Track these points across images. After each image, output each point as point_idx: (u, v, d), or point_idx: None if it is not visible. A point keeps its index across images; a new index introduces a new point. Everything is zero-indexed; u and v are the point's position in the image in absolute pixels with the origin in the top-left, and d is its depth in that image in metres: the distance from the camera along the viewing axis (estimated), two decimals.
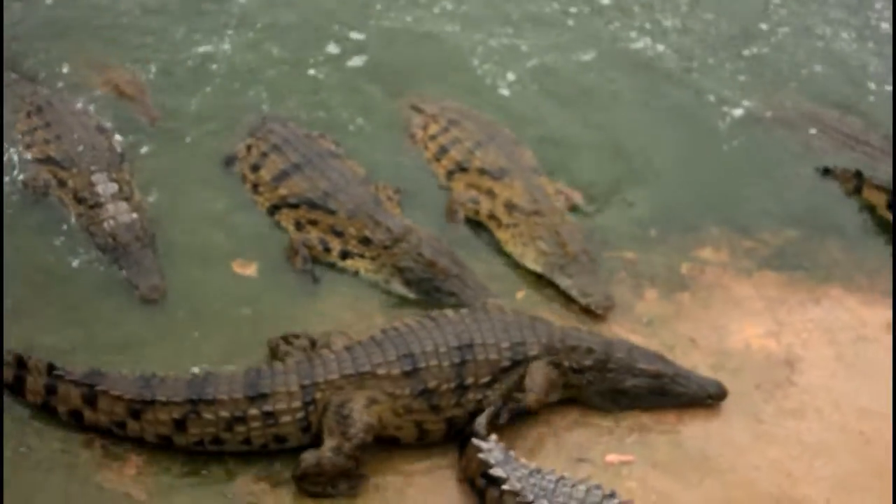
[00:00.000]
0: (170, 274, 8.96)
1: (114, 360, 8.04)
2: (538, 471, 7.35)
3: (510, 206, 9.90)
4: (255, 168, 9.90)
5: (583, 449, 8.13)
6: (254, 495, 7.48)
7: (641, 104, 12.03)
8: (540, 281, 9.52)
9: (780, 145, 11.68)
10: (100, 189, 9.31)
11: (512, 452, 7.54)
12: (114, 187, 9.35)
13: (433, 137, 10.78)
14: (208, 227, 9.56)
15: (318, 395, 7.60)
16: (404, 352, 7.77)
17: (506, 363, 8.01)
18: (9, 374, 7.72)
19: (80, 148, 9.64)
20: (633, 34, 13.13)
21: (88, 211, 9.20)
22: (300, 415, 7.60)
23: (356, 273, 9.31)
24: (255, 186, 9.84)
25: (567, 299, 9.33)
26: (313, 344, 8.15)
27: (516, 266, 9.67)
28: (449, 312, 8.17)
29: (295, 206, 9.57)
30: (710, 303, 9.49)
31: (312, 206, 9.50)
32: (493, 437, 7.64)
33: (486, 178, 10.20)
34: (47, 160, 9.60)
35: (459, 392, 7.84)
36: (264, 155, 9.92)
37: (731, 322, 9.32)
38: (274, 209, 9.68)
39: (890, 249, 10.46)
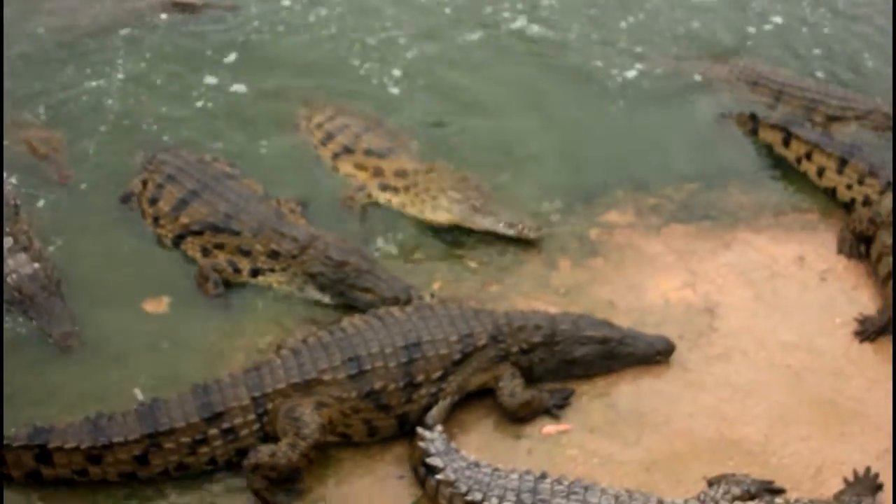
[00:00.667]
0: (83, 319, 8.84)
1: (39, 412, 7.93)
2: (476, 464, 7.41)
3: (401, 173, 10.10)
4: (154, 201, 9.77)
5: (520, 426, 8.16)
6: None
7: (528, 83, 12.04)
8: (451, 269, 9.53)
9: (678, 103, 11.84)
10: None
11: (454, 444, 7.58)
12: (8, 241, 9.19)
13: (319, 125, 10.92)
14: (115, 267, 9.43)
15: (270, 406, 7.65)
16: (350, 355, 7.81)
17: (457, 356, 8.03)
18: None
19: None
20: (508, 15, 13.18)
21: None
22: (256, 426, 7.66)
23: (270, 288, 9.26)
24: (156, 220, 9.72)
25: (481, 282, 9.37)
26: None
27: (429, 258, 9.67)
28: (395, 310, 8.19)
29: (199, 233, 9.48)
30: (623, 264, 9.56)
31: (216, 230, 9.42)
32: (439, 428, 7.69)
33: (372, 158, 10.36)
34: None
35: (410, 390, 7.87)
36: (160, 186, 9.80)
37: (647, 279, 9.40)
38: (178, 239, 9.57)
39: (791, 185, 10.62)
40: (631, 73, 12.13)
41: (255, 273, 9.27)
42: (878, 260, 9.33)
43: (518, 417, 8.15)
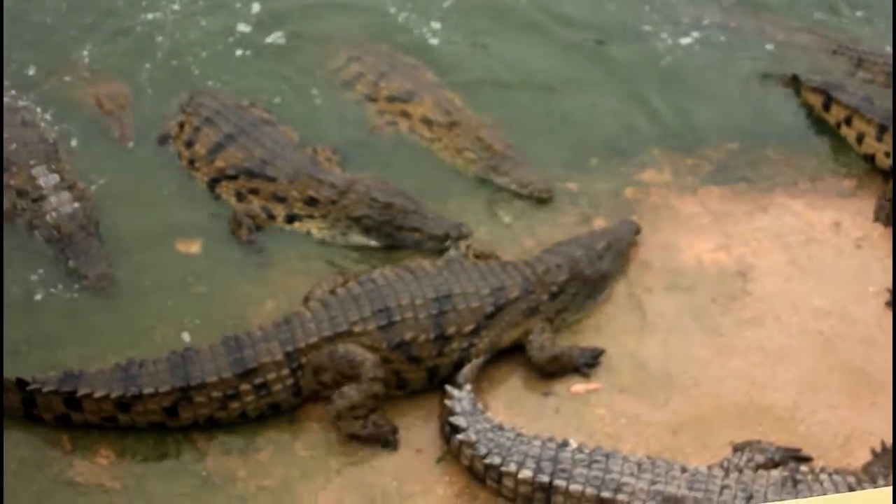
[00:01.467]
0: (117, 260, 8.88)
1: (71, 353, 8.03)
2: (500, 427, 7.44)
3: (427, 122, 10.17)
4: (190, 144, 9.76)
5: (549, 384, 8.17)
6: (228, 469, 7.50)
7: (562, 37, 11.89)
8: (485, 223, 9.47)
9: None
10: (41, 182, 9.18)
11: (480, 405, 7.60)
12: (55, 178, 9.22)
13: (336, 72, 10.96)
14: (150, 208, 9.46)
15: (303, 360, 7.71)
16: (380, 306, 7.81)
17: (489, 309, 8.04)
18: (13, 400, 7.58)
19: (13, 146, 9.47)
20: None
21: (32, 205, 9.07)
22: (290, 381, 7.73)
23: (308, 233, 9.27)
24: (192, 162, 9.71)
25: (514, 236, 9.35)
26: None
27: (461, 209, 9.59)
28: (426, 263, 8.22)
29: (234, 178, 9.47)
30: (658, 224, 9.48)
31: (251, 175, 9.41)
32: (468, 387, 7.72)
33: (397, 103, 10.42)
34: None
35: (441, 342, 7.88)
36: (197, 129, 9.78)
37: (681, 240, 9.34)
38: (213, 183, 9.57)
39: (831, 150, 10.51)
40: (673, 34, 11.89)
41: (290, 219, 9.27)
42: None
43: (547, 372, 8.16)
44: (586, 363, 8.22)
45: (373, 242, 9.14)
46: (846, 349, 8.51)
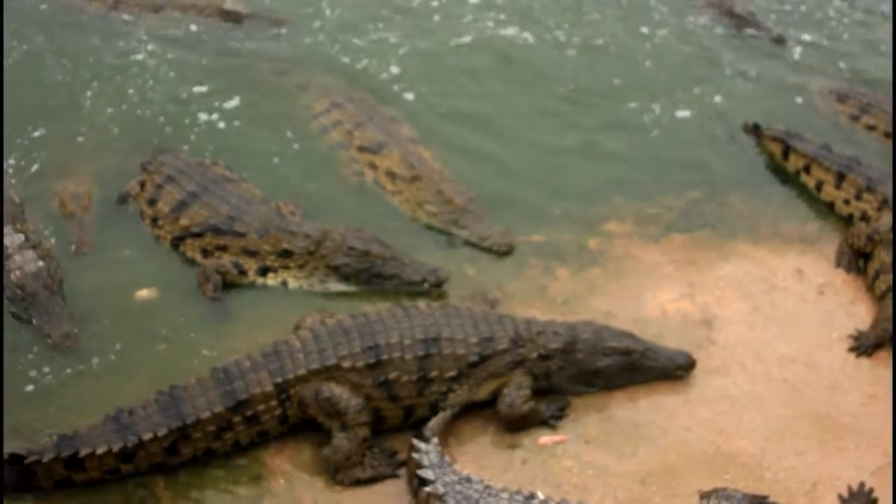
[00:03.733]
0: (80, 319, 8.82)
1: (39, 414, 7.97)
2: (468, 479, 7.39)
3: (391, 174, 10.27)
4: (152, 202, 9.75)
5: (516, 436, 8.14)
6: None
7: (523, 87, 12.01)
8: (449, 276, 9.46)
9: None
10: (6, 241, 9.14)
11: (447, 458, 7.57)
12: (20, 238, 9.19)
13: (315, 118, 11.15)
14: (111, 267, 9.42)
15: (291, 391, 7.80)
16: (370, 343, 7.86)
17: (473, 358, 8.06)
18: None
19: None
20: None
21: None
22: (278, 411, 7.83)
23: (283, 284, 9.31)
24: (155, 220, 9.71)
25: (478, 289, 9.33)
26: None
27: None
28: (421, 304, 8.22)
29: (199, 235, 9.46)
30: (621, 274, 9.54)
31: (218, 232, 9.41)
32: (434, 440, 7.69)
33: (366, 154, 10.54)
34: None
35: (422, 384, 7.93)
36: (159, 187, 9.77)
37: (645, 290, 9.39)
38: (177, 241, 9.56)
39: (792, 196, 10.61)
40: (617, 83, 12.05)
41: (263, 272, 9.31)
42: (875, 277, 9.34)
43: (512, 427, 8.13)
44: (553, 416, 8.21)
45: (352, 288, 9.18)
46: (811, 395, 8.54)
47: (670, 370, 8.53)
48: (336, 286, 9.21)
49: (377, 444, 7.89)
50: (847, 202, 10.25)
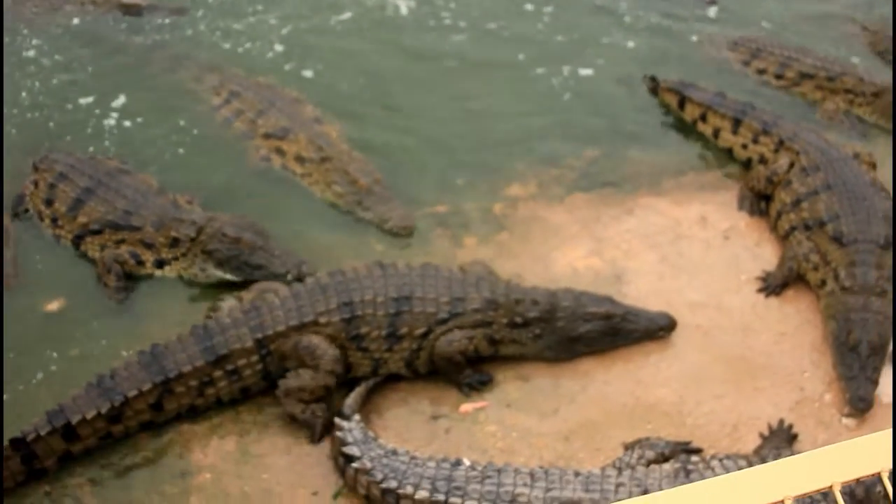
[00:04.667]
0: None
1: None
2: (394, 452, 7.44)
3: (300, 159, 10.25)
4: (49, 202, 9.57)
5: (437, 406, 8.17)
6: None
7: (416, 60, 11.98)
8: (357, 250, 9.45)
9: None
10: None
11: (371, 433, 7.57)
12: None
13: (217, 109, 10.99)
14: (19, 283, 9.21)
15: (272, 347, 8.04)
16: (345, 300, 8.07)
17: (443, 315, 8.17)
18: None
19: None
20: None
21: None
22: (259, 367, 8.07)
23: (179, 277, 9.22)
24: (55, 220, 9.54)
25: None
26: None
27: (332, 237, 9.63)
28: (400, 263, 8.36)
29: (98, 232, 9.33)
30: (528, 236, 9.56)
31: (116, 227, 9.29)
32: (356, 416, 7.69)
33: (272, 140, 10.48)
34: None
35: (391, 340, 8.10)
36: (52, 186, 9.59)
37: (553, 250, 9.41)
38: (77, 240, 9.40)
39: (691, 146, 10.72)
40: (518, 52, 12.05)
41: (160, 264, 9.20)
42: (777, 217, 9.49)
43: (433, 368, 8.26)
44: (470, 384, 8.24)
45: (229, 276, 9.10)
46: (724, 339, 8.66)
47: (652, 332, 8.60)
48: (214, 273, 9.12)
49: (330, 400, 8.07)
50: (745, 147, 10.39)
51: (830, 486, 3.30)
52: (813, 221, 9.10)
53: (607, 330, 8.48)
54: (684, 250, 9.44)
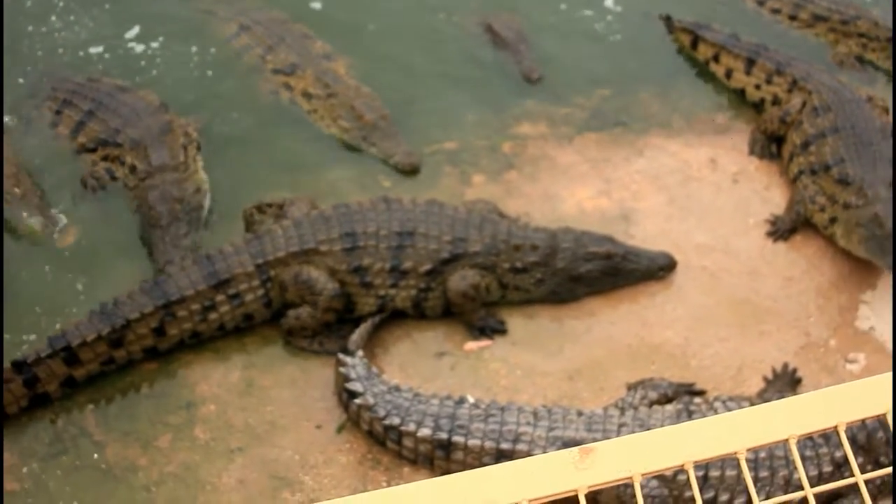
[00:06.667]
0: None
1: None
2: (397, 388, 7.47)
3: (307, 95, 10.23)
4: (54, 125, 9.76)
5: (442, 343, 8.19)
6: (128, 459, 7.39)
7: None
8: (364, 186, 9.40)
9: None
10: None
11: (375, 369, 7.60)
12: None
13: (227, 42, 10.94)
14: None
15: (272, 273, 8.11)
16: (347, 230, 8.12)
17: (445, 255, 8.16)
18: None
19: None
20: None
21: None
22: (261, 292, 8.14)
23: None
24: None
25: None
26: (281, 207, 8.65)
27: (341, 172, 9.61)
28: (405, 199, 8.38)
29: (93, 150, 9.49)
30: (537, 175, 9.51)
31: (104, 144, 9.44)
32: (360, 353, 7.70)
33: (280, 76, 10.45)
34: None
35: (396, 275, 8.12)
36: (58, 112, 9.78)
37: (562, 189, 9.37)
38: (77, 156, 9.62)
39: (703, 88, 10.65)
40: None
41: (125, 185, 9.26)
42: (789, 160, 9.43)
43: (448, 308, 8.27)
44: (483, 328, 8.25)
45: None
46: (731, 282, 8.65)
47: (653, 271, 8.60)
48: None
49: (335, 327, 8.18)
50: (758, 87, 10.31)
51: (835, 427, 3.30)
52: (819, 165, 9.05)
53: (608, 269, 8.48)
54: (693, 192, 9.39)
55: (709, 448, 3.36)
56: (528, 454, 6.99)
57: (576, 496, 3.23)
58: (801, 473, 3.25)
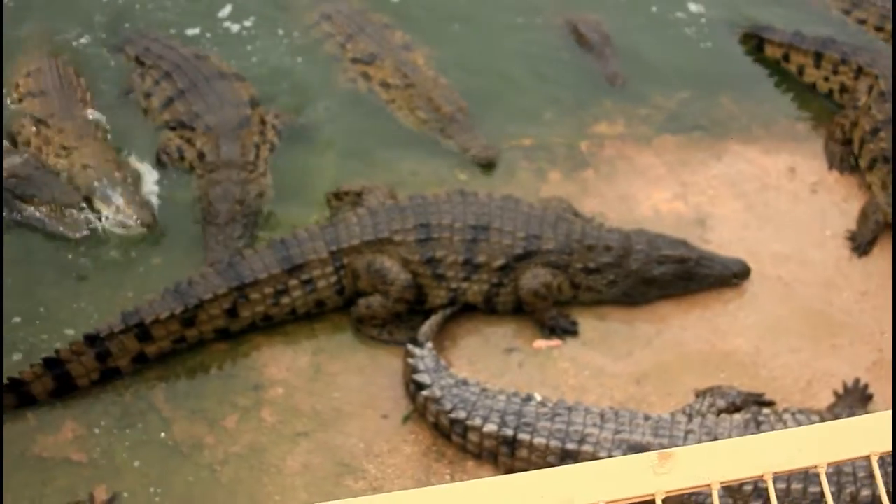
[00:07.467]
0: None
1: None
2: (465, 382, 7.46)
3: (385, 85, 10.27)
4: (148, 95, 9.97)
5: (511, 339, 8.18)
6: (195, 437, 7.45)
7: None
8: (442, 179, 9.40)
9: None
10: None
11: (443, 362, 7.61)
12: None
13: (310, 28, 11.03)
14: None
15: (346, 261, 8.14)
16: (422, 221, 8.15)
17: (518, 251, 8.15)
18: (46, 383, 7.58)
19: None
20: None
21: None
22: (334, 279, 8.18)
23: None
24: (145, 112, 9.93)
25: None
26: (359, 194, 8.73)
27: (417, 164, 9.60)
28: (481, 193, 8.39)
29: (173, 128, 9.63)
30: (613, 175, 9.46)
31: (182, 126, 9.57)
32: (429, 344, 7.72)
33: (359, 65, 10.50)
34: None
35: (469, 268, 8.13)
36: (156, 83, 9.96)
37: (638, 191, 9.32)
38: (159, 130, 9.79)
39: (784, 94, 10.55)
40: None
41: (191, 167, 9.40)
42: (860, 147, 9.42)
43: (520, 306, 8.26)
44: (554, 327, 8.22)
45: None
46: (805, 293, 8.56)
47: (726, 278, 8.54)
48: None
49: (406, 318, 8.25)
50: (826, 79, 10.34)
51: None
52: (890, 152, 8.97)
53: (681, 273, 8.43)
54: (771, 200, 9.30)
55: (789, 460, 3.33)
56: (594, 456, 6.97)
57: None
58: (882, 491, 3.22)
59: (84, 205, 8.78)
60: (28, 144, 9.29)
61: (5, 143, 9.32)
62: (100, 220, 8.79)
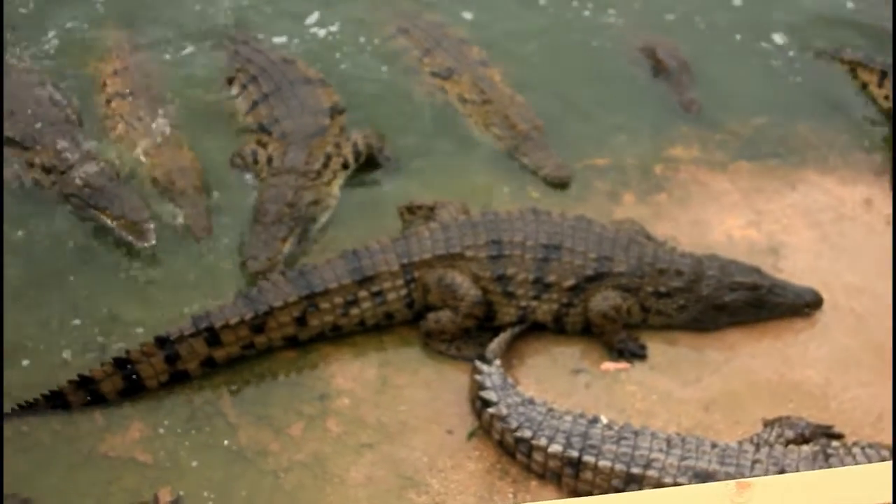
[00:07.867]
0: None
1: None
2: (531, 401, 7.43)
3: (462, 100, 10.36)
4: (235, 97, 10.17)
5: (579, 360, 8.16)
6: (260, 443, 7.48)
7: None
8: (514, 196, 9.45)
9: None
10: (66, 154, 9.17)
11: (510, 380, 7.59)
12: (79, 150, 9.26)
13: (386, 41, 11.16)
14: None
15: (416, 274, 8.15)
16: (494, 238, 8.15)
17: (589, 272, 8.15)
18: (116, 383, 7.68)
19: (38, 124, 9.44)
20: None
21: (60, 177, 9.07)
22: (404, 292, 8.20)
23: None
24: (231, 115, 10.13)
25: None
26: (432, 209, 8.75)
27: (491, 181, 9.66)
28: (554, 212, 8.37)
29: (254, 131, 9.77)
30: (687, 200, 9.43)
31: (262, 129, 9.68)
32: (497, 361, 7.72)
33: (437, 80, 10.62)
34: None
35: (539, 287, 8.12)
36: (244, 87, 10.14)
37: (711, 217, 9.28)
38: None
39: (862, 125, 10.45)
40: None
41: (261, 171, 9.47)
42: None
43: (588, 327, 8.24)
44: (622, 350, 8.19)
45: None
46: (878, 326, 8.44)
47: (798, 307, 8.46)
48: None
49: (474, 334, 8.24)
50: (887, 97, 10.47)
51: None
52: None
53: (752, 301, 8.36)
54: (846, 231, 9.22)
55: (864, 497, 3.30)
56: (658, 481, 6.93)
57: None
58: None
59: (152, 221, 8.84)
60: (121, 142, 9.52)
61: (92, 143, 9.46)
62: (173, 221, 8.97)
